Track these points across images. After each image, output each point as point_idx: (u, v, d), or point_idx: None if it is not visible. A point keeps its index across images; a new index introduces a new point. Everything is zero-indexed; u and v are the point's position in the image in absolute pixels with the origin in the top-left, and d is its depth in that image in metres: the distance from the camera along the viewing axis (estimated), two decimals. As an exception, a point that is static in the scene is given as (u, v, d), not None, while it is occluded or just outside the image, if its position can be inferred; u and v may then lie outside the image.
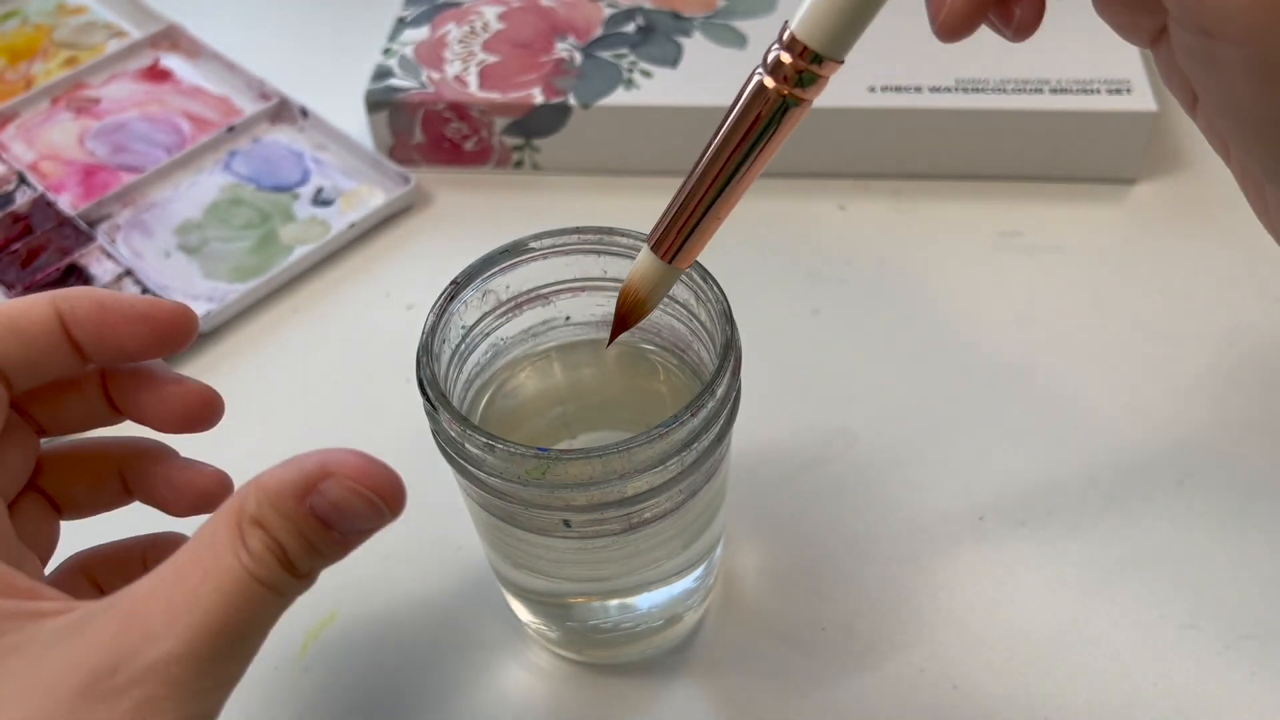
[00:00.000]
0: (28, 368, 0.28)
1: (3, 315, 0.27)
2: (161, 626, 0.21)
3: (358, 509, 0.23)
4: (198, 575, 0.22)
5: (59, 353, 0.28)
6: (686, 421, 0.28)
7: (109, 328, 0.28)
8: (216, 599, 0.22)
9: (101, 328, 0.28)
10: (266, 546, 0.22)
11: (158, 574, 0.22)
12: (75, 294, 0.28)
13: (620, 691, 0.37)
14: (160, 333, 0.29)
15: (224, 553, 0.22)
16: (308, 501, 0.22)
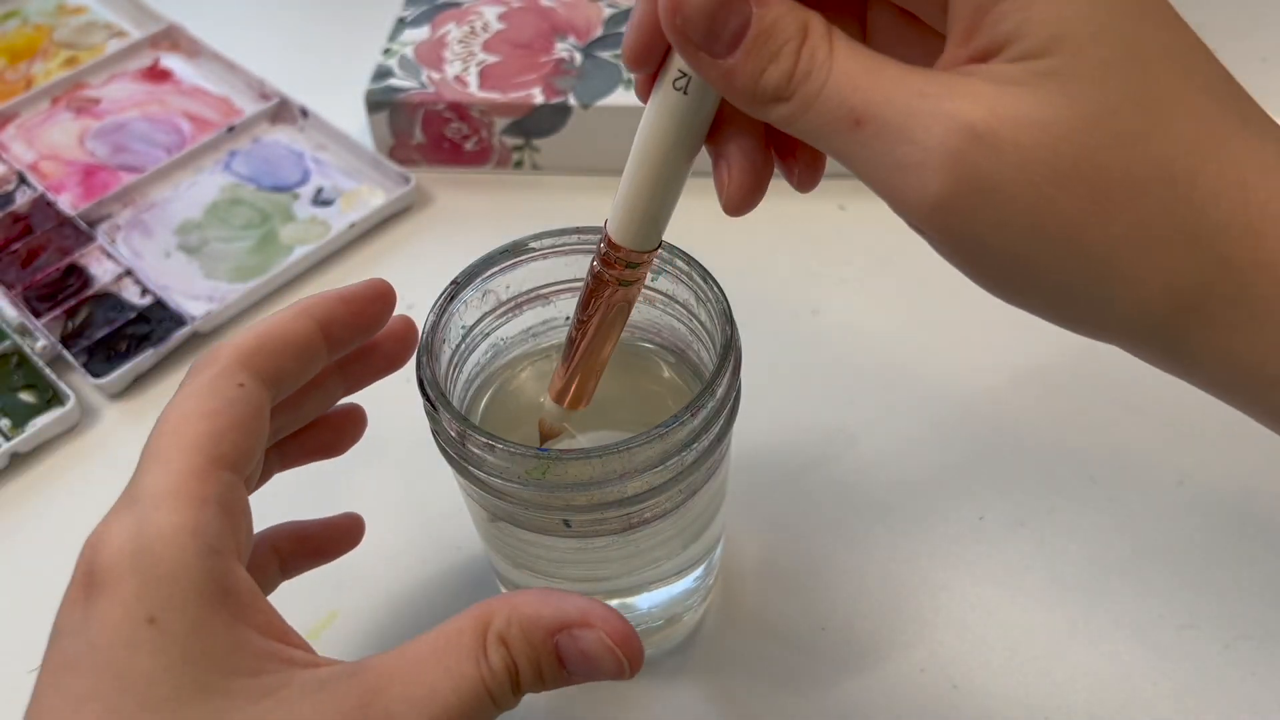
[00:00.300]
0: (295, 380, 0.29)
1: (274, 338, 0.29)
2: (400, 709, 0.23)
3: (605, 663, 0.25)
4: (439, 670, 0.24)
5: (320, 359, 0.30)
6: (686, 421, 0.28)
7: (361, 317, 0.31)
8: (453, 700, 0.24)
9: (357, 318, 0.31)
10: (505, 665, 0.24)
11: (400, 655, 0.24)
12: (322, 301, 0.30)
13: (620, 691, 0.37)
14: (390, 303, 0.31)
15: (465, 658, 0.24)
16: (556, 638, 0.25)
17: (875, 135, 0.22)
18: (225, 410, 0.27)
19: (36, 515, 0.44)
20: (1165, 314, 0.22)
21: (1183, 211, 0.21)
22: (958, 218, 0.22)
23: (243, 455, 0.27)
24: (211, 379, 0.28)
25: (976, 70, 0.22)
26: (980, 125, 0.21)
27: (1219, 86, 0.22)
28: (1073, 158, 0.21)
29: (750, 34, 0.22)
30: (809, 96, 0.22)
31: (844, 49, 0.22)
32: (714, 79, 0.23)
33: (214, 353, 0.28)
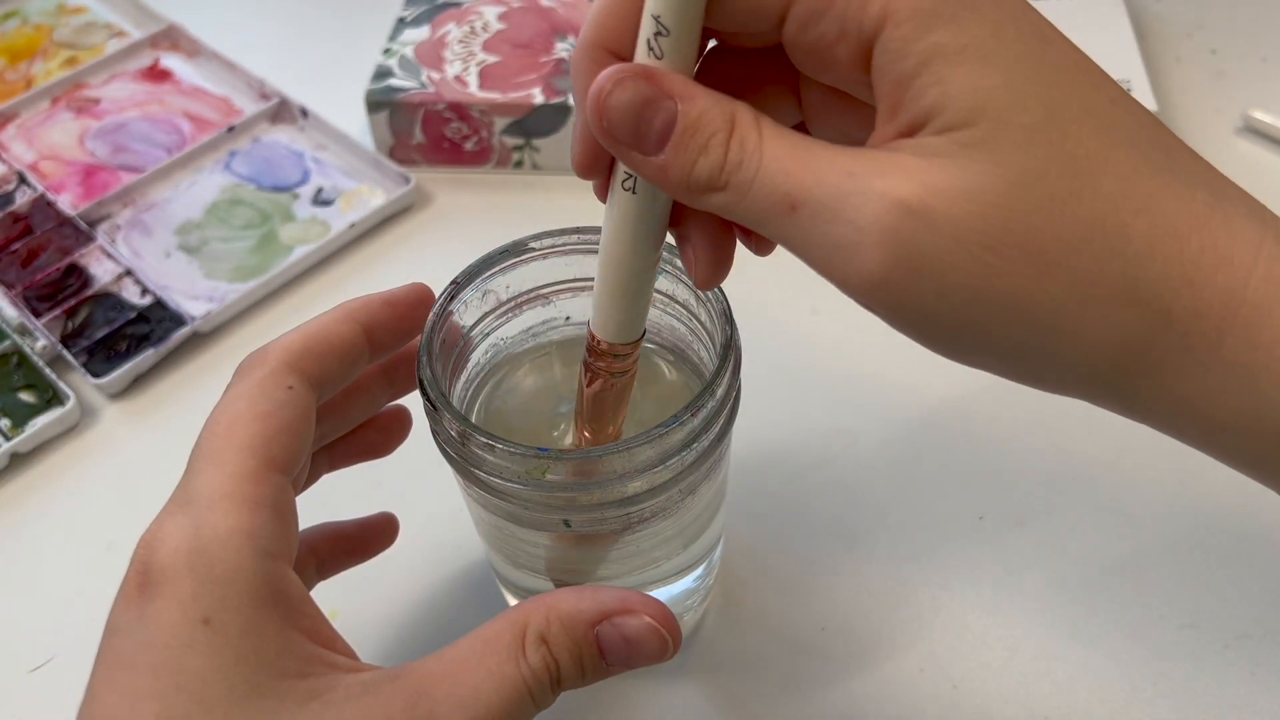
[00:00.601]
0: (339, 383, 0.30)
1: (320, 341, 0.29)
2: (445, 711, 0.24)
3: (649, 645, 0.26)
4: (482, 673, 0.25)
5: (363, 362, 0.31)
6: (686, 421, 0.28)
7: (404, 321, 0.31)
8: (496, 699, 0.25)
9: (400, 322, 0.31)
10: (545, 663, 0.25)
11: (440, 659, 0.25)
12: (365, 305, 0.31)
13: (620, 691, 0.37)
14: (428, 304, 0.32)
15: (506, 659, 0.25)
16: (596, 630, 0.26)
17: (810, 218, 0.22)
18: (276, 413, 0.27)
19: (36, 515, 0.44)
20: (1113, 367, 0.22)
21: (1119, 267, 0.22)
22: (899, 292, 0.22)
23: (292, 458, 0.28)
24: (261, 381, 0.28)
25: (904, 145, 0.22)
26: (912, 200, 0.21)
27: (1144, 140, 0.22)
28: (1005, 224, 0.21)
29: (677, 130, 0.23)
30: (743, 185, 0.23)
31: (773, 135, 0.23)
32: (650, 176, 0.24)
33: (262, 355, 0.29)
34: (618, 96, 0.23)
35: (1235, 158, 0.54)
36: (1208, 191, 0.22)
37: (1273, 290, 0.21)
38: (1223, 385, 0.22)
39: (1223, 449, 0.23)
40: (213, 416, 0.28)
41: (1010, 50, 0.22)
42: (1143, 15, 0.61)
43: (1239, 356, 0.22)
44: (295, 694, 0.24)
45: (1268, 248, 0.22)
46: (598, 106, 0.23)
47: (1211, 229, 0.22)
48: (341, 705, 0.24)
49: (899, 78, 0.22)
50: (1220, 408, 0.22)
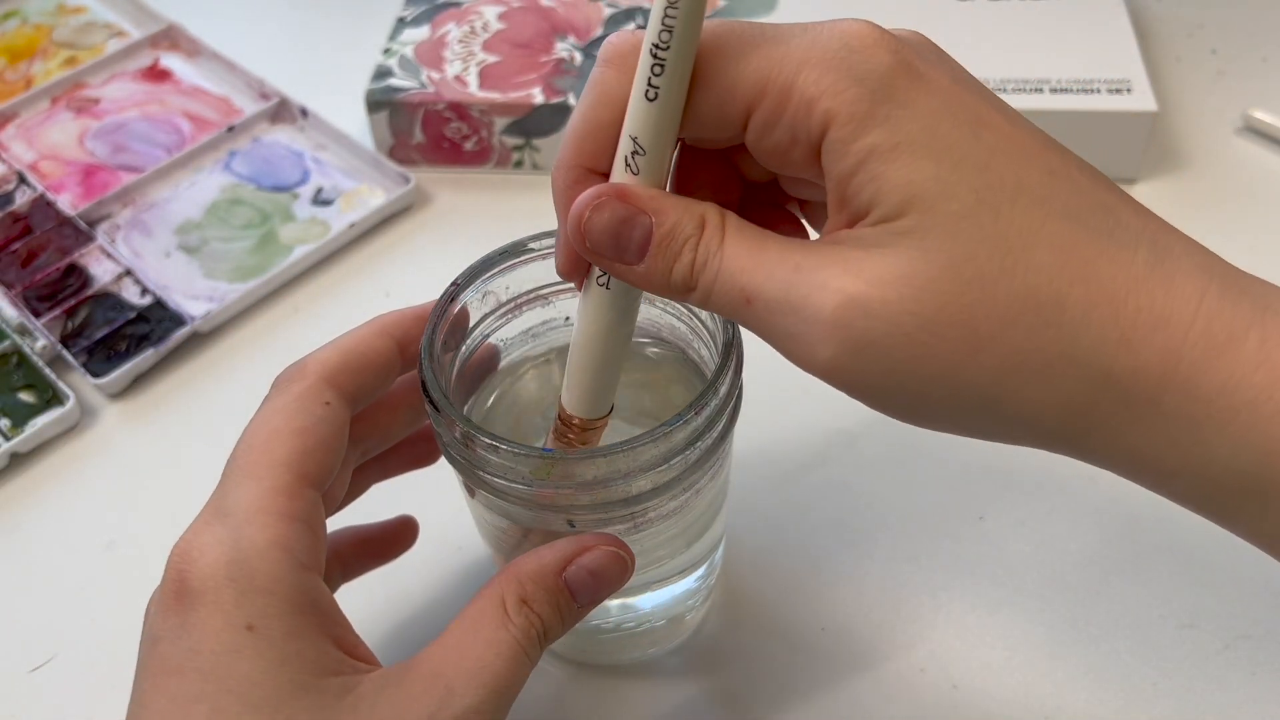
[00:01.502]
0: (372, 396, 0.31)
1: (357, 355, 0.31)
2: (460, 683, 0.27)
3: (613, 570, 0.29)
4: (480, 645, 0.27)
5: (395, 376, 0.32)
6: (690, 420, 0.28)
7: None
8: (499, 664, 0.27)
9: None
10: (529, 621, 0.28)
11: (441, 645, 0.27)
12: (399, 319, 0.32)
13: (620, 691, 0.37)
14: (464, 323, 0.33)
15: (497, 627, 0.27)
16: (564, 576, 0.28)
17: (765, 310, 0.24)
18: (313, 429, 0.29)
19: (36, 515, 0.44)
20: (1058, 425, 0.24)
21: (1054, 336, 0.23)
22: (848, 374, 0.24)
23: (326, 473, 0.29)
24: (299, 395, 0.29)
25: (847, 236, 0.24)
26: (851, 290, 0.23)
27: (1083, 207, 0.23)
28: (937, 306, 0.23)
29: (653, 242, 0.25)
30: (708, 284, 0.25)
31: (733, 236, 0.25)
32: (633, 281, 0.26)
33: (300, 369, 0.30)
34: (597, 219, 0.25)
35: (1235, 158, 0.54)
36: (1149, 250, 0.23)
37: (1211, 346, 0.22)
38: (1167, 436, 0.23)
39: (1173, 493, 0.24)
40: (250, 428, 0.29)
41: (941, 142, 0.23)
42: (1143, 15, 0.61)
43: (1180, 409, 0.23)
44: (334, 690, 0.26)
45: (1208, 302, 0.23)
46: (579, 229, 0.25)
47: (1149, 289, 0.23)
48: (374, 698, 0.26)
49: (841, 176, 0.24)
50: (1167, 457, 0.23)
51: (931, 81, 0.23)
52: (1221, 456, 0.23)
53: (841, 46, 0.23)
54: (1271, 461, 0.22)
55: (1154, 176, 0.53)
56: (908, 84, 0.23)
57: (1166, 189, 0.53)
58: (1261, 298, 0.23)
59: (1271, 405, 0.22)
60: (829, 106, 0.23)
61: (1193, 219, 0.52)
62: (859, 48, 0.23)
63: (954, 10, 0.56)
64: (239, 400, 0.40)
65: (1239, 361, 0.22)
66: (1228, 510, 0.24)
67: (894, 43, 0.23)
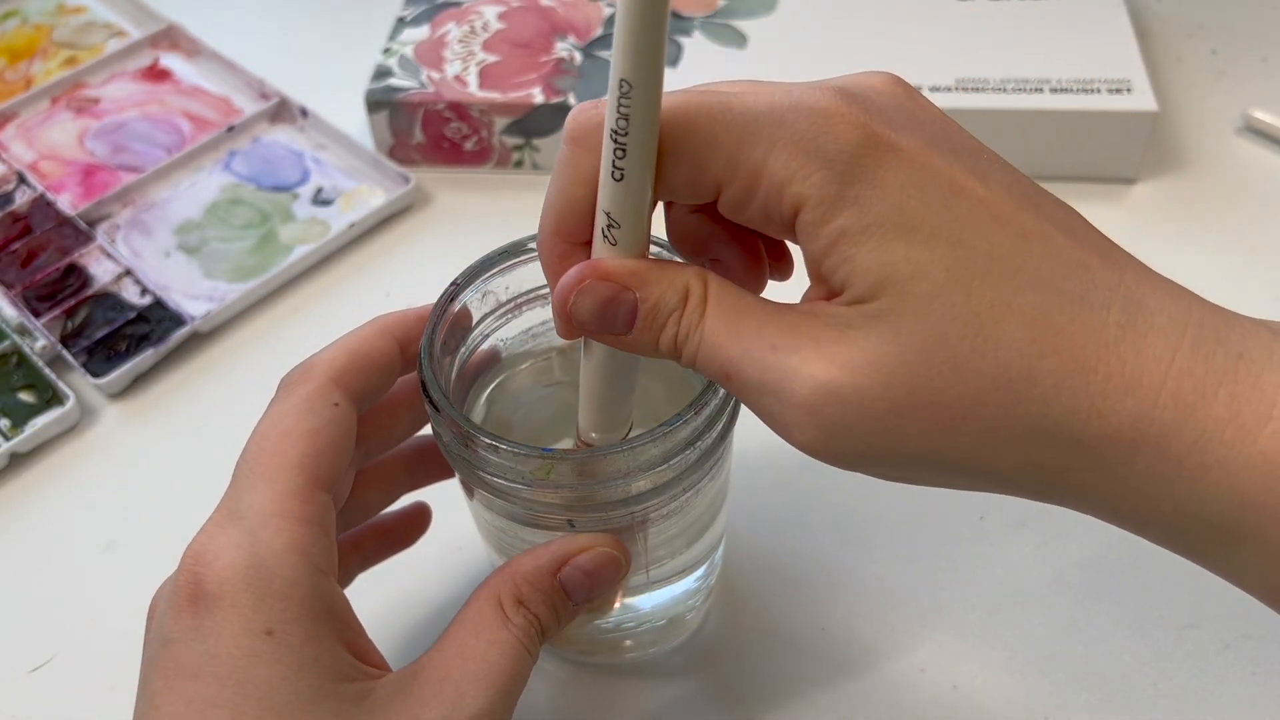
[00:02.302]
0: (375, 397, 0.31)
1: (361, 356, 0.31)
2: (469, 688, 0.27)
3: (608, 569, 0.29)
4: (483, 646, 0.28)
5: (396, 376, 0.32)
6: (690, 420, 0.28)
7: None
8: (503, 663, 0.27)
9: None
10: (528, 620, 0.28)
11: (443, 648, 0.28)
12: (401, 320, 0.32)
13: (620, 691, 0.37)
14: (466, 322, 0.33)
15: (498, 628, 0.28)
16: (559, 576, 0.29)
17: (743, 388, 0.25)
18: (323, 430, 0.29)
19: (36, 515, 0.44)
20: (1035, 487, 0.24)
21: (1024, 411, 0.23)
22: (827, 453, 0.24)
23: (337, 475, 0.29)
24: (308, 397, 0.29)
25: (823, 310, 0.24)
26: (822, 377, 0.23)
27: (1054, 273, 0.23)
28: (907, 390, 0.23)
29: (640, 315, 0.25)
30: (691, 355, 0.25)
31: (714, 309, 0.25)
32: (622, 348, 0.26)
33: (307, 370, 0.30)
34: (581, 303, 0.25)
35: (1235, 158, 0.54)
36: (1121, 311, 0.23)
37: (1181, 406, 0.23)
38: (1140, 493, 0.23)
39: (1150, 538, 0.25)
40: (260, 430, 0.29)
41: (911, 220, 0.23)
42: (1143, 15, 0.61)
43: (1153, 468, 0.23)
44: (350, 696, 0.26)
45: (1180, 360, 0.23)
46: (565, 313, 0.26)
47: (1119, 354, 0.23)
48: (387, 703, 0.26)
49: (814, 255, 0.24)
50: (1140, 509, 0.24)
51: (901, 152, 0.23)
52: (1192, 510, 0.23)
53: (809, 126, 0.23)
54: (1240, 514, 0.23)
55: (1154, 176, 0.53)
56: (875, 160, 0.23)
57: (1166, 189, 0.53)
58: (1236, 344, 0.23)
59: (1239, 461, 0.22)
60: (798, 190, 0.23)
61: (1193, 219, 0.52)
62: (825, 127, 0.23)
63: (954, 10, 0.56)
64: (239, 400, 0.40)
65: (1209, 419, 0.22)
66: (1200, 554, 0.24)
67: (860, 115, 0.23)
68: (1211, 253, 0.49)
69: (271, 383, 0.31)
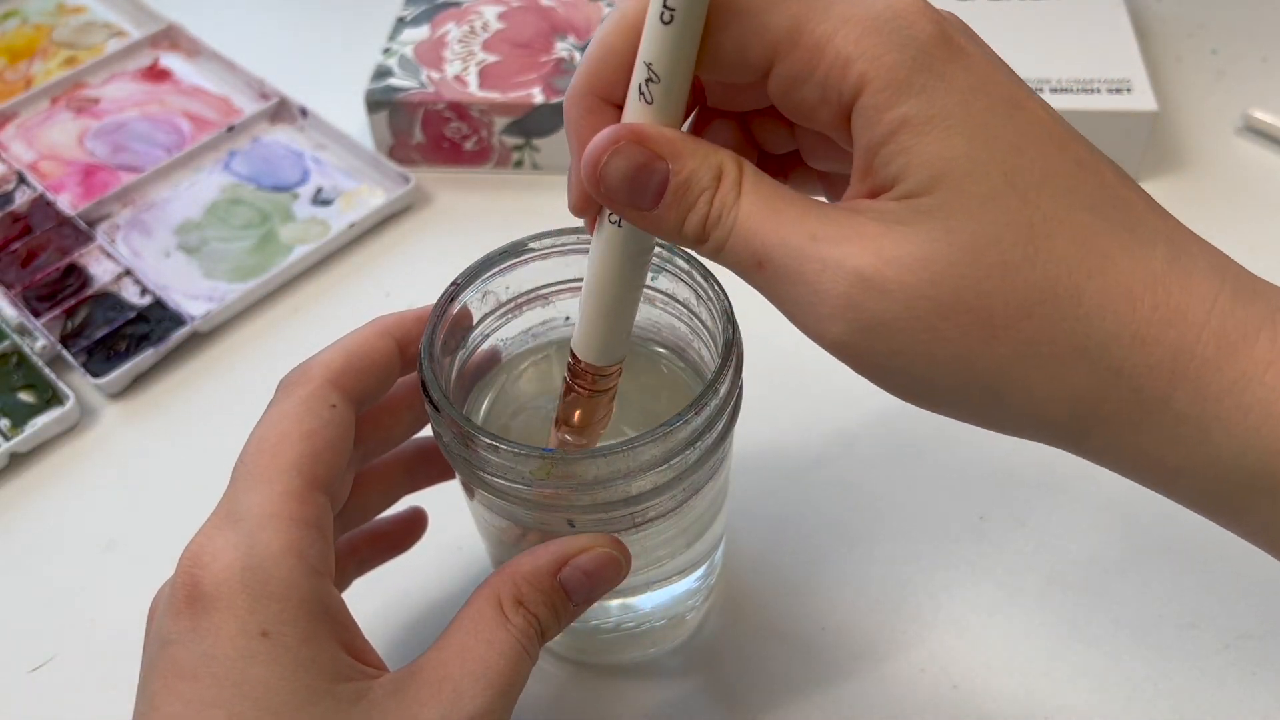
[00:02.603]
0: (374, 398, 0.31)
1: (360, 357, 0.30)
2: (468, 688, 0.27)
3: (608, 570, 0.29)
4: (482, 646, 0.27)
5: (395, 377, 0.32)
6: (690, 420, 0.28)
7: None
8: (502, 663, 0.27)
9: None
10: (527, 621, 0.28)
11: (442, 648, 0.28)
12: (400, 321, 0.32)
13: (620, 691, 0.37)
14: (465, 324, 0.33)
15: (497, 628, 0.28)
16: (559, 577, 0.29)
17: (776, 277, 0.24)
18: (320, 432, 0.29)
19: (36, 515, 0.44)
20: (1065, 419, 0.23)
21: (1069, 328, 0.22)
22: (856, 351, 0.23)
23: (334, 476, 0.29)
24: (306, 399, 0.29)
25: (867, 207, 0.23)
26: (866, 270, 0.22)
27: (1106, 200, 0.23)
28: (954, 290, 0.22)
29: (669, 190, 0.24)
30: (720, 240, 0.24)
31: (750, 193, 0.24)
32: (644, 227, 0.25)
33: (305, 372, 0.30)
34: (614, 165, 0.24)
35: (1235, 158, 0.54)
36: (1167, 248, 0.23)
37: (1223, 345, 0.22)
38: (1174, 435, 0.23)
39: (1178, 493, 0.24)
40: (258, 432, 0.29)
41: (976, 120, 0.23)
42: (1143, 15, 0.61)
43: (1189, 409, 0.22)
44: (347, 696, 0.26)
45: (1222, 302, 0.23)
46: (594, 173, 0.24)
47: (1166, 286, 0.23)
48: (384, 703, 0.26)
49: (870, 143, 0.23)
50: (1173, 455, 0.23)
51: (970, 57, 0.23)
52: (1228, 455, 0.22)
53: (885, 8, 0.23)
54: (1277, 461, 0.22)
55: (1154, 176, 0.53)
56: (947, 57, 0.23)
57: (1166, 189, 0.53)
58: (1274, 299, 0.23)
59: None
60: (865, 69, 0.22)
61: (1193, 219, 0.51)
62: (903, 13, 0.23)
63: (953, 10, 0.56)
64: (239, 400, 0.40)
65: (1251, 360, 0.22)
66: (1231, 508, 0.24)
67: (937, 15, 0.23)
68: (1211, 253, 0.49)
69: (271, 383, 0.31)
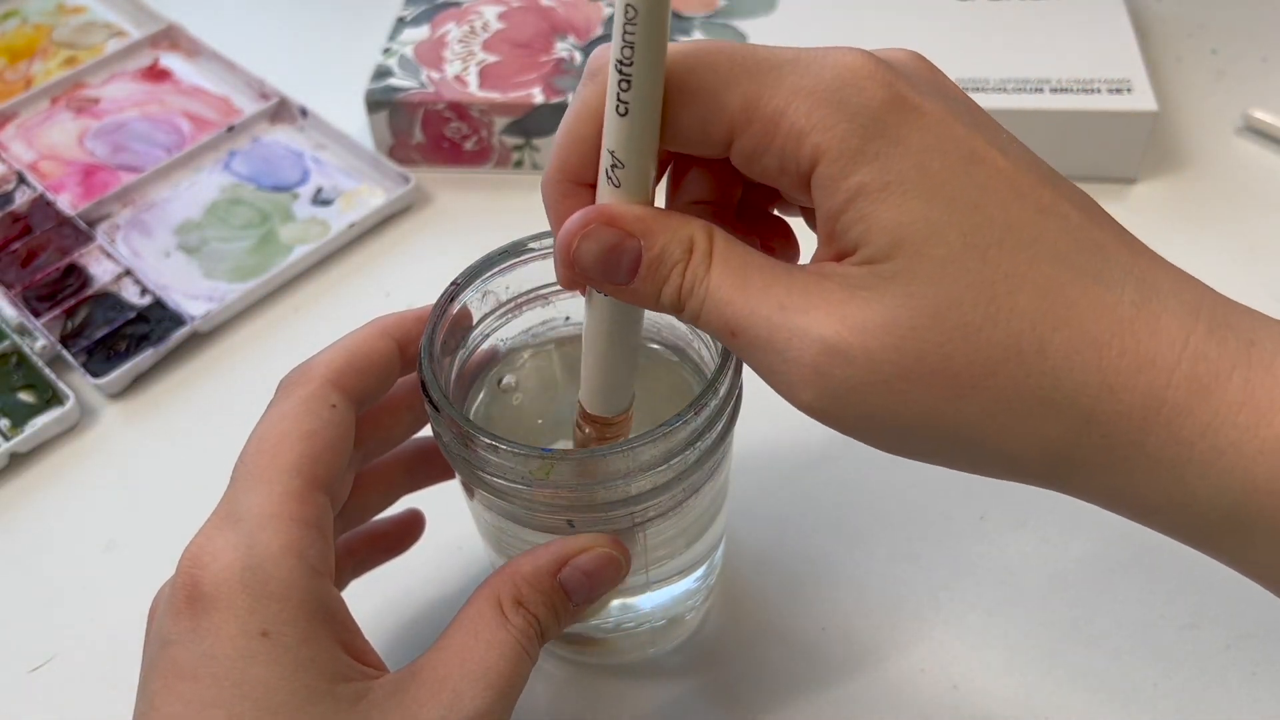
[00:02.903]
0: (375, 398, 0.31)
1: (360, 357, 0.31)
2: (467, 689, 0.27)
3: (608, 571, 0.29)
4: (481, 647, 0.27)
5: (395, 377, 0.32)
6: (689, 420, 0.28)
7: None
8: (502, 664, 0.27)
9: None
10: (527, 621, 0.28)
11: (442, 649, 0.28)
12: (400, 321, 0.32)
13: (620, 692, 0.37)
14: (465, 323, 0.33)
15: (497, 629, 0.28)
16: (559, 577, 0.29)
17: (748, 345, 0.24)
18: (321, 432, 0.29)
19: (36, 515, 0.44)
20: (1040, 466, 0.24)
21: (1035, 383, 0.23)
22: (828, 415, 0.24)
23: (334, 476, 0.29)
24: (306, 399, 0.29)
25: (832, 271, 0.24)
26: (831, 337, 0.23)
27: (1069, 248, 0.23)
28: (917, 354, 0.23)
29: (643, 264, 0.25)
30: (694, 310, 0.25)
31: (720, 264, 0.24)
32: (624, 299, 0.26)
33: (306, 372, 0.30)
34: (586, 247, 0.25)
35: (1235, 158, 0.54)
36: (1136, 290, 0.23)
37: (1195, 388, 0.22)
38: (1149, 476, 0.23)
39: (1158, 527, 0.24)
40: (258, 432, 0.29)
41: (932, 181, 0.23)
42: (1143, 15, 0.61)
43: (1163, 451, 0.23)
44: (347, 697, 0.26)
45: (1194, 343, 0.23)
46: (567, 256, 0.25)
47: (1134, 332, 0.23)
48: (384, 704, 0.26)
49: (830, 211, 0.23)
50: (1149, 495, 0.23)
51: (925, 115, 0.23)
52: (1203, 495, 0.23)
53: (834, 79, 0.23)
54: (1253, 500, 0.22)
55: (1154, 176, 0.53)
56: (900, 119, 0.23)
57: (1166, 189, 0.53)
58: (1247, 332, 0.23)
59: (1254, 445, 0.22)
60: (819, 141, 0.23)
61: (1193, 219, 0.52)
62: (852, 81, 0.23)
63: (954, 10, 0.56)
64: (239, 400, 0.40)
65: (1224, 402, 0.22)
66: (1209, 543, 0.24)
67: (888, 75, 0.23)
68: (1211, 253, 0.49)
69: (271, 383, 0.31)
